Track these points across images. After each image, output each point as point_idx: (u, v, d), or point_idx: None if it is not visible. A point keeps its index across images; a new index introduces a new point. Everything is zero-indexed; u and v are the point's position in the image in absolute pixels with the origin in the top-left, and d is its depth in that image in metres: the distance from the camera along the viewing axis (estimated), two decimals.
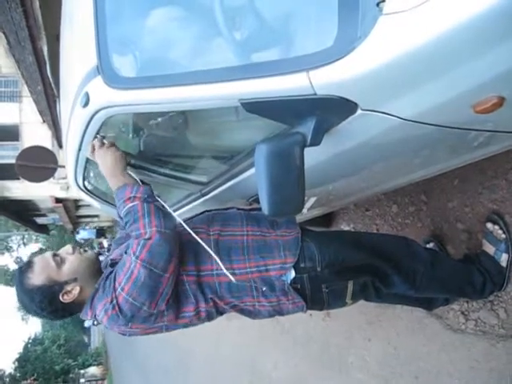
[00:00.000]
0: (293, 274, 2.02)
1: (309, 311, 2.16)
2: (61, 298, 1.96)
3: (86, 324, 2.10)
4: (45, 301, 1.95)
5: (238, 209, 2.31)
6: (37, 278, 1.95)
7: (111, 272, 1.94)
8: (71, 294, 1.98)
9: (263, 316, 2.16)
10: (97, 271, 2.07)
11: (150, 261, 1.79)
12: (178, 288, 1.94)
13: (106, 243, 28.85)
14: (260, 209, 1.66)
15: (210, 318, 2.09)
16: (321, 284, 2.06)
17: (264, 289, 2.00)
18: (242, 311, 2.12)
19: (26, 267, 2.01)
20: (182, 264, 1.96)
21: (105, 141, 2.22)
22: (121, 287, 1.82)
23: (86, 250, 2.14)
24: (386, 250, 2.26)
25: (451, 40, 1.18)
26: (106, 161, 2.13)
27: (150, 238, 1.81)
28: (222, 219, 2.18)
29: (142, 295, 1.81)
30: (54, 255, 2.02)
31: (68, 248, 2.09)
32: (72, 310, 2.04)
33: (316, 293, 2.07)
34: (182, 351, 9.90)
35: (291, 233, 2.10)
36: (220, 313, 2.11)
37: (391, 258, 2.24)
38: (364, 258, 2.15)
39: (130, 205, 1.93)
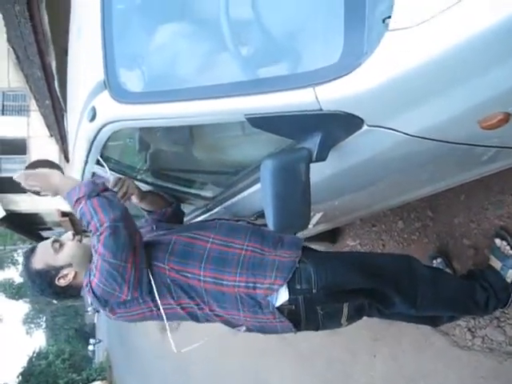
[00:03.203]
0: (284, 296, 2.01)
1: None
2: (56, 281, 2.09)
3: (90, 310, 2.23)
4: (44, 283, 2.11)
5: (249, 222, 2.31)
6: (37, 263, 2.11)
7: None
8: (67, 277, 2.11)
9: (251, 331, 2.18)
10: None
11: (107, 254, 1.87)
12: (158, 280, 2.02)
13: None
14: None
15: (193, 318, 2.14)
16: (316, 306, 2.05)
17: (249, 302, 2.02)
18: (229, 323, 2.16)
19: (29, 253, 2.17)
20: (168, 260, 2.03)
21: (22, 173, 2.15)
22: (93, 273, 1.94)
23: (87, 236, 2.21)
24: (386, 271, 2.24)
25: (457, 57, 1.18)
26: (42, 183, 2.13)
27: (101, 234, 1.88)
28: (227, 229, 2.20)
29: (111, 282, 1.91)
30: (54, 241, 2.14)
31: (69, 234, 2.20)
32: (72, 293, 2.19)
33: (311, 314, 2.06)
34: (185, 364, 9.84)
35: (291, 255, 2.08)
36: (206, 320, 2.16)
37: (392, 279, 2.21)
38: (362, 282, 2.13)
39: (78, 208, 1.97)
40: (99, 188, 2.01)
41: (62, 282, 2.10)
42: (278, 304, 2.01)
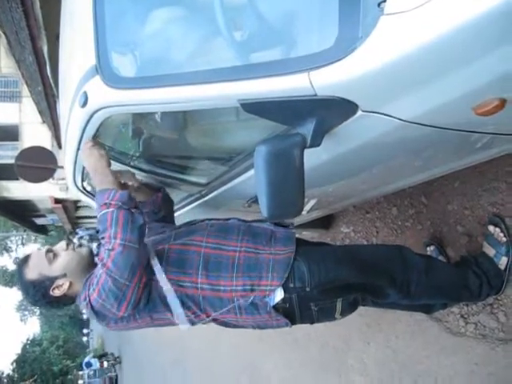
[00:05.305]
0: (279, 295, 2.02)
1: None
2: (51, 292, 2.07)
3: (85, 316, 2.25)
4: (38, 294, 2.09)
5: (240, 220, 2.30)
6: (31, 273, 2.08)
7: None
8: (61, 288, 2.09)
9: (247, 328, 2.21)
10: (89, 265, 2.13)
11: (114, 271, 1.83)
12: (155, 293, 2.00)
13: None
14: (262, 221, 1.64)
15: (189, 323, 2.13)
16: (309, 303, 2.07)
17: (246, 306, 2.02)
18: (226, 324, 2.18)
19: (22, 262, 2.14)
20: (166, 272, 2.00)
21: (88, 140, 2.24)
22: (92, 288, 1.91)
23: (80, 245, 2.20)
24: (379, 264, 2.26)
25: (452, 41, 1.17)
26: (88, 159, 2.18)
27: (113, 249, 1.85)
28: (218, 230, 2.18)
29: (110, 299, 1.88)
30: (48, 251, 2.11)
31: (62, 244, 2.17)
32: (66, 302, 2.18)
33: (305, 311, 2.08)
34: (180, 352, 9.90)
35: (286, 251, 2.08)
36: (202, 323, 2.17)
37: (385, 272, 2.23)
38: (355, 277, 2.15)
39: (103, 212, 1.93)
40: (132, 204, 1.99)
41: (56, 292, 2.08)
42: (273, 303, 2.02)
